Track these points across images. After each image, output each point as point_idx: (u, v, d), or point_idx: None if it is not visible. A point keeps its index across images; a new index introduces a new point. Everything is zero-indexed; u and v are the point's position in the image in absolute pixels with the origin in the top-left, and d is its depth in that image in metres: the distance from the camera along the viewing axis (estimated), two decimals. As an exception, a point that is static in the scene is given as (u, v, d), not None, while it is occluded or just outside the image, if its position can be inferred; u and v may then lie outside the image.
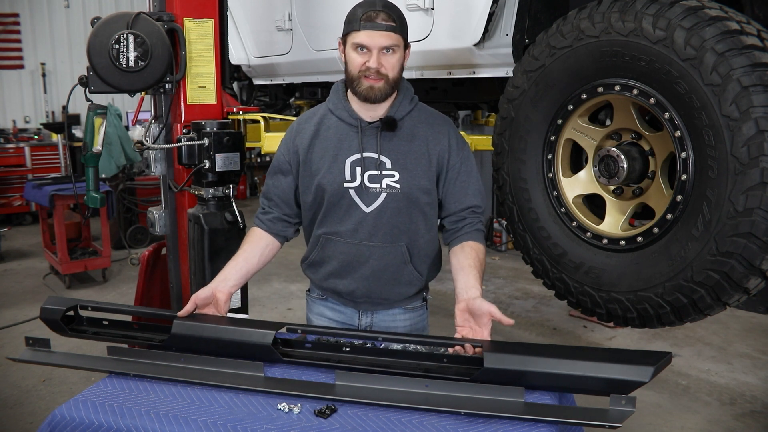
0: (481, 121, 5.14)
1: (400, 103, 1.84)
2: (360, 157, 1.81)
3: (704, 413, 3.33)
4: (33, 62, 8.78)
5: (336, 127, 1.85)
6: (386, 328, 1.98)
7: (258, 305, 5.00)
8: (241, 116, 3.02)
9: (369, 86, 1.75)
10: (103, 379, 1.62)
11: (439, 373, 1.53)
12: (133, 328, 1.81)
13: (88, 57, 2.52)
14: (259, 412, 1.43)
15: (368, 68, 1.73)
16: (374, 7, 1.72)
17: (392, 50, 1.73)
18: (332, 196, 1.83)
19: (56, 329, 1.79)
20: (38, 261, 6.30)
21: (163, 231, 2.99)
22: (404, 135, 1.83)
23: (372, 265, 1.87)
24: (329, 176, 1.82)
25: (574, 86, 1.86)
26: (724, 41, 1.51)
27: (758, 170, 1.46)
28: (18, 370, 3.72)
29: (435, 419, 1.39)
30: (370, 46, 1.71)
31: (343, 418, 1.40)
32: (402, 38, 1.75)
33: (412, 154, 1.82)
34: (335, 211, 1.85)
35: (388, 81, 1.76)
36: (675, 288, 1.65)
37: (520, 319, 4.77)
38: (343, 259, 1.88)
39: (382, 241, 1.85)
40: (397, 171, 1.81)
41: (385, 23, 1.71)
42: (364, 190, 1.82)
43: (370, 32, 1.70)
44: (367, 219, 1.83)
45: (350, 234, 1.85)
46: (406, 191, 1.82)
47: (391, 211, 1.83)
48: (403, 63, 1.79)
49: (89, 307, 1.82)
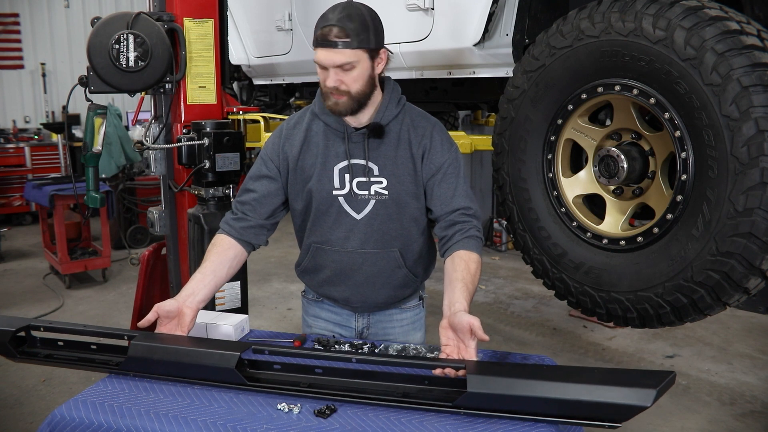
0: (481, 121, 5.15)
1: (386, 107, 1.78)
2: (348, 164, 1.78)
3: (704, 413, 3.32)
4: (33, 62, 8.78)
5: (323, 133, 1.81)
6: (383, 328, 1.96)
7: (258, 305, 5.00)
8: (241, 116, 3.02)
9: (334, 102, 1.71)
10: (102, 379, 1.61)
11: (419, 397, 1.43)
12: (90, 349, 1.70)
13: (88, 57, 2.52)
14: (259, 411, 1.43)
15: (327, 87, 1.69)
16: (329, 22, 1.63)
17: (350, 66, 1.66)
18: (321, 204, 1.80)
19: (4, 353, 1.69)
20: (38, 261, 6.29)
21: (163, 231, 2.99)
22: (390, 140, 1.78)
23: (365, 272, 1.84)
24: (318, 184, 1.79)
25: (574, 86, 1.86)
26: (724, 41, 1.51)
27: (758, 170, 1.46)
28: (18, 370, 3.72)
29: (435, 419, 1.39)
30: (327, 65, 1.66)
31: (343, 418, 1.40)
32: (363, 50, 1.66)
33: (399, 159, 1.78)
34: (325, 219, 1.82)
35: (351, 96, 1.69)
36: (675, 288, 1.65)
37: (520, 319, 4.77)
38: (336, 268, 1.85)
39: (374, 247, 1.81)
40: (385, 177, 1.77)
41: (339, 40, 1.62)
42: (353, 197, 1.79)
43: (325, 50, 1.65)
44: (357, 226, 1.80)
45: (341, 242, 1.82)
46: (395, 197, 1.78)
47: (381, 218, 1.79)
48: (371, 73, 1.71)
49: (41, 328, 1.72)
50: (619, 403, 1.26)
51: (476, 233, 1.75)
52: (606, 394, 1.28)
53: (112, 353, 1.67)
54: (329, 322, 1.98)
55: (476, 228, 1.77)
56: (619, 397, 1.27)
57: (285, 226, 2.03)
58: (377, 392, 1.46)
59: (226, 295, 2.65)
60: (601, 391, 1.29)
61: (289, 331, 4.06)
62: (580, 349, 4.20)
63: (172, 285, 3.02)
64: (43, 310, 4.87)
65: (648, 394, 1.25)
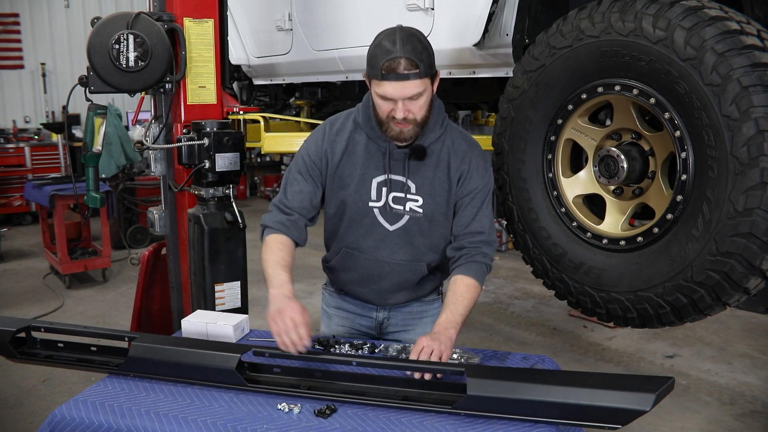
0: (481, 121, 5.14)
1: (431, 129, 1.78)
2: (386, 179, 1.80)
3: (704, 413, 3.32)
4: (33, 62, 8.78)
5: (364, 144, 1.81)
6: (403, 320, 2.00)
7: (258, 305, 4.98)
8: (241, 116, 3.01)
9: (398, 131, 1.70)
10: (103, 379, 1.62)
11: (419, 400, 1.45)
12: (90, 350, 1.71)
13: (88, 57, 2.52)
14: (259, 411, 1.43)
15: (394, 117, 1.67)
16: (394, 54, 1.59)
17: (417, 95, 1.65)
18: (356, 214, 1.83)
19: (4, 353, 1.70)
20: (38, 261, 6.29)
21: (163, 231, 2.98)
22: (431, 161, 1.80)
23: (391, 280, 1.89)
24: (355, 194, 1.81)
25: (574, 86, 1.86)
26: (724, 41, 1.51)
27: (758, 170, 1.46)
28: (18, 370, 3.72)
29: (435, 419, 1.39)
30: (397, 98, 1.64)
31: (343, 418, 1.40)
32: (428, 78, 1.66)
33: (437, 180, 1.80)
34: (358, 227, 1.85)
35: (417, 123, 1.70)
36: (675, 288, 1.65)
37: (520, 319, 4.77)
38: (364, 273, 1.90)
39: (403, 258, 1.86)
40: (421, 196, 1.80)
41: (409, 72, 1.60)
42: (388, 210, 1.82)
43: (394, 84, 1.61)
44: (390, 237, 1.84)
45: (371, 250, 1.86)
46: (429, 216, 1.82)
47: (413, 232, 1.83)
48: (431, 95, 1.71)
49: (42, 329, 1.73)
50: (618, 407, 1.27)
51: (481, 259, 1.79)
52: (605, 398, 1.29)
53: (112, 355, 1.67)
54: (350, 313, 2.02)
55: (482, 254, 1.80)
56: (618, 401, 1.28)
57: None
58: (377, 395, 1.46)
59: (226, 295, 2.65)
60: (601, 395, 1.30)
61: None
62: (580, 349, 4.20)
63: (172, 285, 3.02)
64: (43, 310, 4.87)
65: (647, 398, 1.26)
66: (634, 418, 1.28)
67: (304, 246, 1.87)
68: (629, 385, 1.32)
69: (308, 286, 5.46)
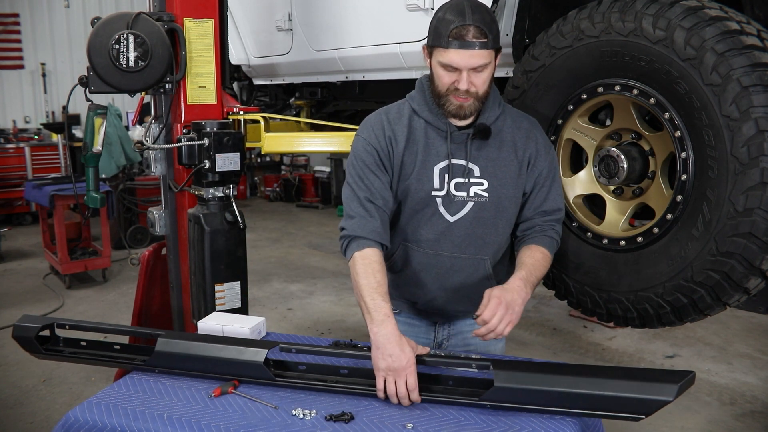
0: (481, 121, 5.11)
1: (490, 108, 1.70)
2: (448, 164, 1.70)
3: (704, 413, 3.32)
4: (33, 62, 8.78)
5: (423, 130, 1.71)
6: (463, 339, 1.90)
7: (258, 305, 5.00)
8: (241, 116, 3.01)
9: (458, 105, 1.62)
10: (117, 381, 1.62)
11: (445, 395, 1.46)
12: (114, 348, 1.72)
13: (88, 57, 2.51)
14: (273, 417, 1.42)
15: (457, 89, 1.60)
16: (464, 21, 1.53)
17: (482, 67, 1.58)
18: (417, 204, 1.73)
19: (30, 349, 1.71)
20: (38, 261, 6.29)
21: (163, 231, 2.98)
22: (493, 141, 1.71)
23: (453, 278, 1.78)
24: (417, 183, 1.71)
25: (574, 86, 1.86)
26: (724, 41, 1.51)
27: (758, 170, 1.47)
28: (18, 370, 3.72)
29: (453, 428, 1.38)
30: (462, 67, 1.56)
31: (359, 425, 1.39)
32: (495, 51, 1.59)
33: (501, 161, 1.71)
34: (417, 219, 1.75)
35: (478, 97, 1.62)
36: (675, 288, 1.65)
37: (521, 319, 4.76)
38: (422, 270, 1.79)
39: (465, 252, 1.75)
40: (486, 179, 1.70)
41: (477, 40, 1.53)
42: (450, 199, 1.71)
43: (460, 52, 1.54)
44: (450, 229, 1.73)
45: (431, 244, 1.75)
46: (495, 200, 1.72)
47: (476, 222, 1.72)
48: (493, 72, 1.64)
49: (66, 326, 1.73)
50: (642, 398, 1.31)
51: (554, 234, 1.76)
52: (630, 388, 1.33)
53: (136, 352, 1.70)
54: (406, 334, 1.68)
55: (554, 230, 1.76)
56: (642, 391, 1.32)
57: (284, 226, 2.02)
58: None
59: (226, 295, 2.65)
60: (625, 385, 1.34)
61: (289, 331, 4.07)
62: (580, 350, 4.19)
63: (173, 285, 3.02)
64: (43, 310, 4.87)
65: (670, 388, 1.30)
66: (658, 408, 1.30)
67: (387, 243, 1.73)
68: (652, 377, 1.36)
69: (308, 286, 5.46)
